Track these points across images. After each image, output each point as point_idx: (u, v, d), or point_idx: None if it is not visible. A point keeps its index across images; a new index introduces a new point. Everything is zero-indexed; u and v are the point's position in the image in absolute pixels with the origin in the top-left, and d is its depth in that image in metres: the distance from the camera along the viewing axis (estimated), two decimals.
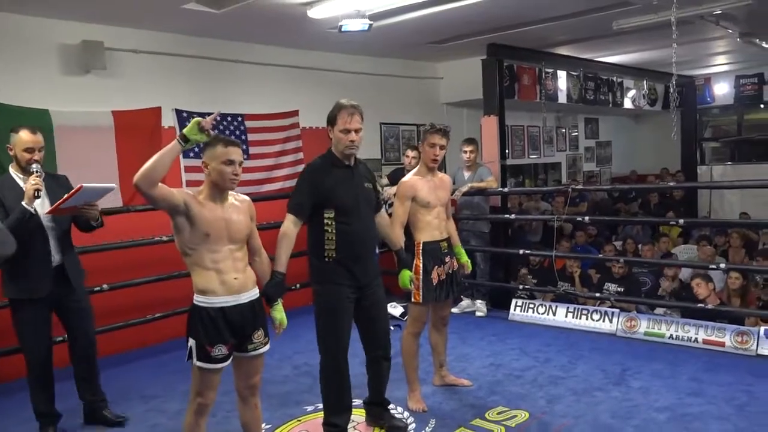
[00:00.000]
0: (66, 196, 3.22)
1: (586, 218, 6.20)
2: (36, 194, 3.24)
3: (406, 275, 3.46)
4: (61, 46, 4.98)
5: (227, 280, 2.60)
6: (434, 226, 3.73)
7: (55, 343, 3.73)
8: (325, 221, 3.10)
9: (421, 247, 3.68)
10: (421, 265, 3.65)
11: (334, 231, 3.09)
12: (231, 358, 2.66)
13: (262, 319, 2.73)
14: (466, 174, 6.05)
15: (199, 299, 2.60)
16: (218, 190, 2.63)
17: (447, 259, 3.77)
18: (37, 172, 3.30)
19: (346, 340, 3.18)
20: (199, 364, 2.58)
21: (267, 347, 2.77)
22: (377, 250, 3.49)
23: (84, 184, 3.17)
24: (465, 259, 3.92)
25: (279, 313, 2.84)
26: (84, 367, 3.64)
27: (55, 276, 3.44)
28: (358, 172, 3.20)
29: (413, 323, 3.77)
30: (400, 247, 3.51)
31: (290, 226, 3.08)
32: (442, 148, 3.73)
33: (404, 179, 3.81)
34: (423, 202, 3.68)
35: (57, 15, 4.87)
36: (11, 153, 3.41)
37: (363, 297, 3.20)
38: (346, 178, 3.13)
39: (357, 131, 3.09)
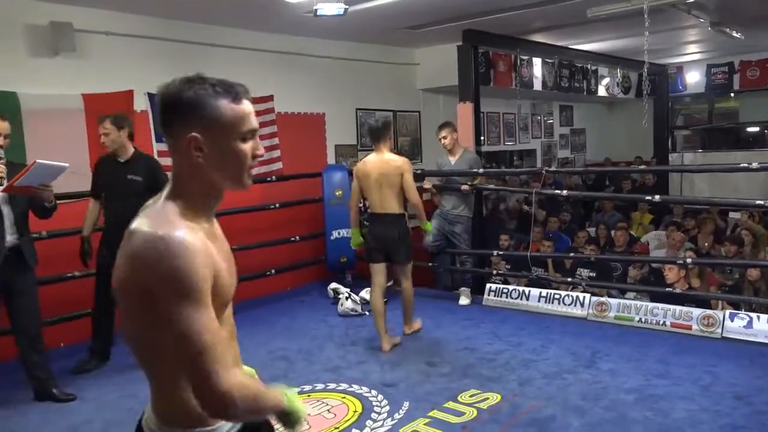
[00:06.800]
0: (21, 172, 3.23)
1: (564, 192, 6.28)
2: None
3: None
4: (29, 27, 4.86)
5: None
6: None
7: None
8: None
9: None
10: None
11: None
12: None
13: None
14: (452, 159, 5.78)
15: None
16: (213, 199, 1.33)
17: None
18: (1, 158, 3.31)
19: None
20: None
21: None
22: None
23: (38, 160, 3.22)
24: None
25: None
26: (32, 341, 3.66)
27: (8, 256, 3.46)
28: (127, 166, 4.05)
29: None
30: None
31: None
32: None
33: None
34: None
35: None
36: None
37: None
38: (112, 171, 4.06)
39: (104, 134, 3.99)
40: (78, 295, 4.58)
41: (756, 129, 11.30)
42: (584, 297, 5.35)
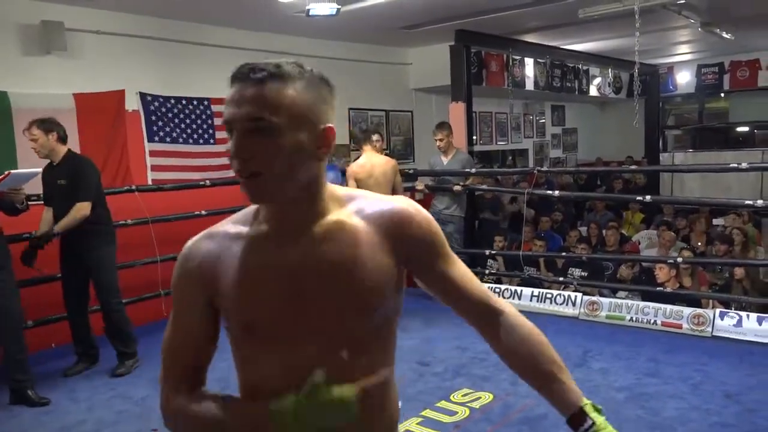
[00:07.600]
0: None
1: (556, 192, 6.34)
2: None
3: None
4: (20, 26, 4.84)
5: None
6: None
7: None
8: None
9: None
10: None
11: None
12: None
13: None
14: (444, 159, 5.85)
15: None
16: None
17: None
18: None
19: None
20: None
21: None
22: None
23: (12, 171, 3.38)
24: None
25: None
26: (11, 346, 3.64)
27: None
28: (57, 170, 3.96)
29: None
30: None
31: None
32: None
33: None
34: None
35: None
36: None
37: None
38: (48, 176, 4.01)
39: (32, 139, 3.88)
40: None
41: (746, 129, 11.36)
42: (576, 296, 5.38)
